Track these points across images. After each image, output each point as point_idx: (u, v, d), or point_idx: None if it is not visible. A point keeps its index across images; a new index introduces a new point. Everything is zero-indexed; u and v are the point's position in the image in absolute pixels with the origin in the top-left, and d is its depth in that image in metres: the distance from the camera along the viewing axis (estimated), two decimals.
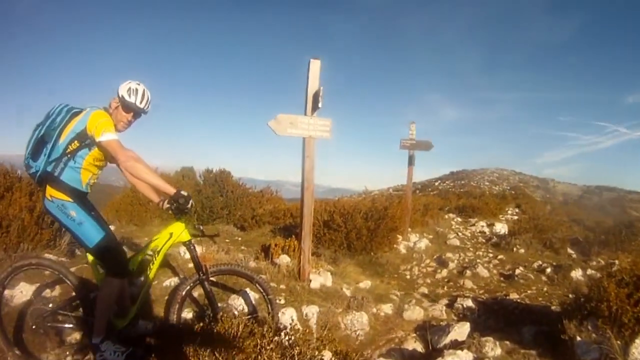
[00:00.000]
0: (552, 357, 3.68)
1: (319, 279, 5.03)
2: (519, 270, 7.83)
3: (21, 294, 3.49)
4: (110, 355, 2.75)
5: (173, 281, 4.18)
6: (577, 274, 7.42)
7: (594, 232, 12.50)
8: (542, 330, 4.29)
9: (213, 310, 3.12)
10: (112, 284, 2.82)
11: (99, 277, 2.94)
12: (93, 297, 2.96)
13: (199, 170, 11.45)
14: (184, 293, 3.16)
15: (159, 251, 3.01)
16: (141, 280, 3.09)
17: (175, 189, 2.75)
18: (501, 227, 11.63)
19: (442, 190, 25.17)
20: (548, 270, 7.79)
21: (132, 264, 3.02)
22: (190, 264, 3.17)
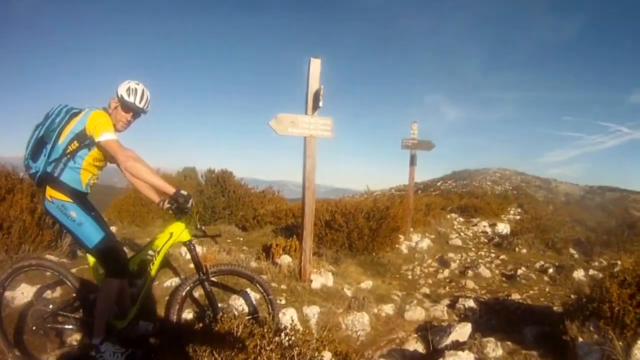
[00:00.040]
0: (554, 358, 3.66)
1: (320, 279, 5.01)
2: (521, 270, 7.80)
3: (22, 295, 3.50)
4: (110, 356, 2.75)
5: (174, 281, 4.18)
6: (579, 274, 7.39)
7: (596, 232, 12.44)
8: (544, 331, 4.27)
9: (213, 311, 3.12)
10: (112, 284, 2.82)
11: (99, 277, 2.94)
12: (93, 298, 2.96)
13: (201, 171, 11.47)
14: (184, 293, 3.16)
15: (159, 251, 3.01)
16: (141, 280, 3.08)
17: (174, 188, 2.74)
18: (503, 227, 11.59)
19: (444, 190, 25.09)
20: (550, 270, 7.76)
21: (132, 265, 3.02)
22: (192, 265, 3.17)
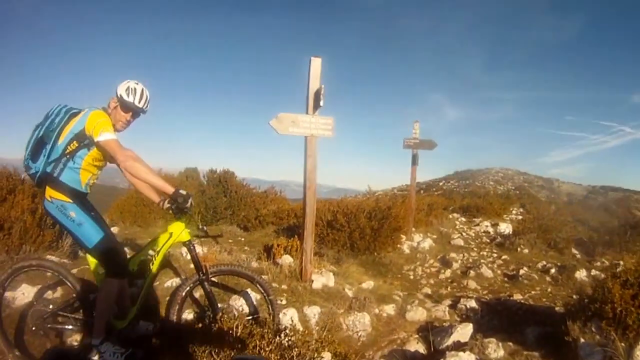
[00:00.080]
0: (555, 359, 3.64)
1: (321, 280, 5.00)
2: (523, 270, 7.77)
3: (22, 295, 3.50)
4: (109, 356, 2.75)
5: (174, 282, 4.17)
6: (582, 274, 7.35)
7: (599, 232, 12.38)
8: (546, 332, 4.25)
9: (213, 311, 3.11)
10: (112, 284, 2.81)
11: (99, 278, 2.93)
12: (93, 299, 2.95)
13: (203, 171, 11.45)
14: (184, 294, 3.16)
15: (159, 251, 3.01)
16: (141, 280, 3.08)
17: (174, 188, 2.74)
18: (505, 227, 11.54)
19: (446, 190, 25.01)
20: (552, 270, 7.73)
21: (132, 265, 3.02)
22: (192, 265, 3.17)
